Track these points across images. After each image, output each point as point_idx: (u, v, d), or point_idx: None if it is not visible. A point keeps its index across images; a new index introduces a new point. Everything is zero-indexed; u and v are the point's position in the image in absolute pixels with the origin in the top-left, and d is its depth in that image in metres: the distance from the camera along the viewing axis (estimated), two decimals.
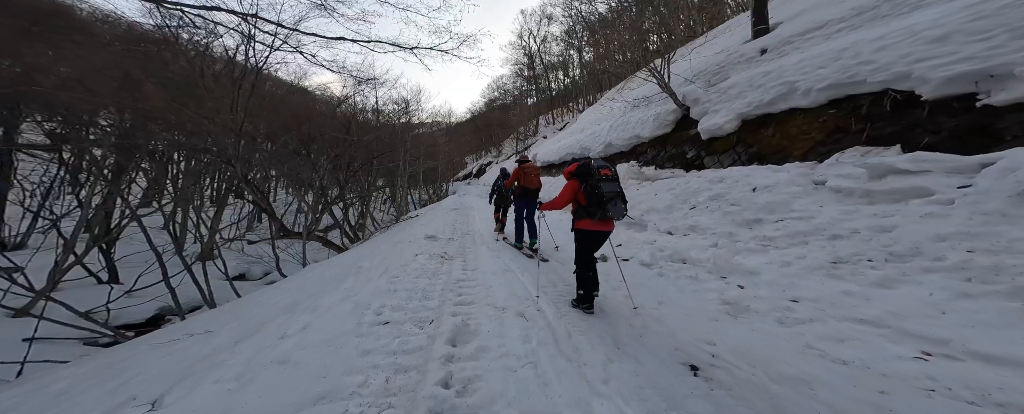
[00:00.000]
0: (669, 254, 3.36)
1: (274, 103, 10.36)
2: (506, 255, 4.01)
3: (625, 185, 6.61)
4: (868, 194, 2.49)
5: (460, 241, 4.89)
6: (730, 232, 3.20)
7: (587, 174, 2.13)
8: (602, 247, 2.30)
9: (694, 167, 5.25)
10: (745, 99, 4.47)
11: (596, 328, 2.07)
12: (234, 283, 6.88)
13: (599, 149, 9.12)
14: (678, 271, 3.03)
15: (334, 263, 4.87)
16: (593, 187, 2.08)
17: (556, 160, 12.60)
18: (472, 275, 3.17)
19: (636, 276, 3.08)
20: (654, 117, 6.90)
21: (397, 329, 2.07)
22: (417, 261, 3.67)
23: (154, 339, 3.00)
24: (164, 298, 5.72)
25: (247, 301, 3.89)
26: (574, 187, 2.18)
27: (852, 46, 3.31)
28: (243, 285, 7.80)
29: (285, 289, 3.75)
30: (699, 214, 3.79)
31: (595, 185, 2.07)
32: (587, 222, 2.15)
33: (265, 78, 10.19)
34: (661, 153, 6.45)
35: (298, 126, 10.09)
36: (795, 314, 2.03)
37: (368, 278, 3.16)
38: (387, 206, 18.76)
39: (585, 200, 2.14)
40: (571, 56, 28.11)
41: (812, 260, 2.32)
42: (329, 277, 3.81)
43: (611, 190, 2.06)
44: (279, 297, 3.38)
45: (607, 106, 12.91)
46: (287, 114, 10.32)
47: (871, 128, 2.90)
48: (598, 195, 2.04)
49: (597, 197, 2.05)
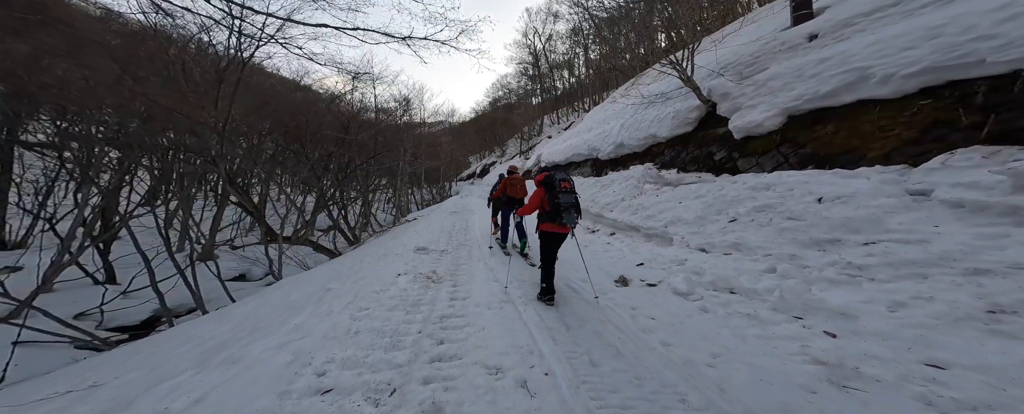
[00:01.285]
0: (710, 280, 2.63)
1: (264, 98, 9.77)
2: (504, 274, 3.32)
3: (641, 190, 5.88)
4: (1015, 211, 1.75)
5: (454, 254, 4.20)
6: (792, 254, 2.46)
7: (550, 185, 2.41)
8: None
9: (725, 170, 4.50)
10: (792, 91, 3.72)
11: None
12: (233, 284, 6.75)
13: (609, 150, 8.39)
14: (728, 305, 2.31)
15: (307, 279, 4.19)
16: (553, 197, 2.37)
17: (561, 161, 11.88)
18: (461, 308, 2.47)
19: (669, 311, 2.36)
20: (673, 115, 6.16)
21: (338, 406, 1.38)
22: (398, 284, 2.98)
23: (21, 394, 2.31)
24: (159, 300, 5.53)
25: (178, 333, 3.18)
26: (540, 194, 2.47)
27: (956, 19, 2.56)
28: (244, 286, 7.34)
29: (227, 318, 3.07)
30: (743, 229, 3.05)
31: (555, 195, 2.36)
32: (548, 225, 2.46)
33: (253, 72, 9.62)
34: (682, 154, 5.71)
35: (287, 122, 9.49)
36: (950, 391, 1.30)
37: (329, 309, 2.48)
38: (390, 205, 18.19)
39: (548, 207, 2.42)
40: (577, 54, 27.35)
41: (947, 305, 1.59)
42: (289, 302, 3.14)
43: (567, 201, 2.35)
44: (212, 331, 2.69)
45: (617, 104, 12.16)
46: (277, 110, 9.73)
47: (995, 122, 2.16)
48: (556, 204, 2.35)
49: (555, 206, 2.35)
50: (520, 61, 30.81)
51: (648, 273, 3.29)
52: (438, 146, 24.12)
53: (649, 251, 3.93)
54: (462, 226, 6.86)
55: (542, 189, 2.45)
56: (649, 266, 3.49)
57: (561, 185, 2.37)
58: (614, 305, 2.55)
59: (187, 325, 3.51)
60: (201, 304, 5.59)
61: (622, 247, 4.41)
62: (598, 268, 3.64)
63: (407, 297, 2.69)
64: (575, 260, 4.05)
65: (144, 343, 3.24)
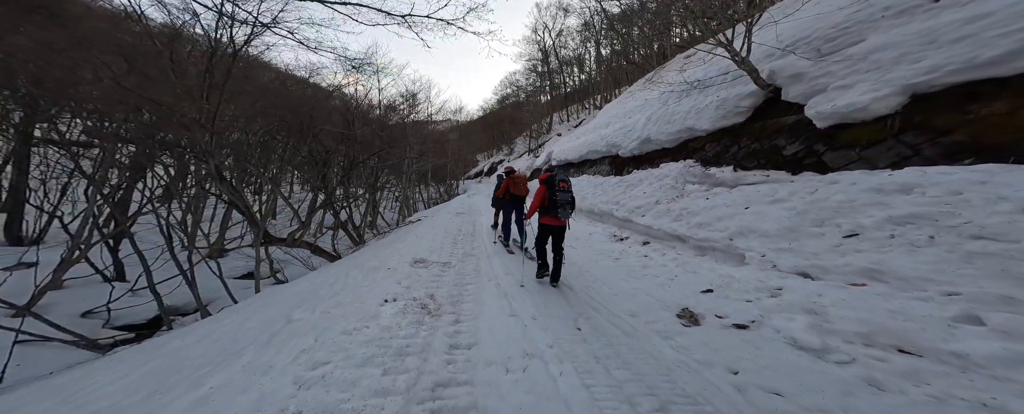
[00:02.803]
0: (855, 330, 1.68)
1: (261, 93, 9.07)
2: (528, 302, 2.44)
3: (681, 191, 4.90)
4: None
5: (458, 269, 3.32)
6: (1006, 296, 1.51)
7: (550, 185, 2.77)
8: None
9: (805, 167, 3.52)
10: (917, 64, 2.74)
11: None
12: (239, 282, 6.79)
13: (632, 146, 7.42)
14: (912, 377, 1.37)
15: (279, 296, 3.35)
16: (552, 195, 2.76)
17: (575, 159, 10.95)
18: (464, 367, 1.60)
19: (805, 383, 1.42)
20: (717, 104, 5.18)
21: None
22: (380, 318, 2.12)
23: None
24: (170, 298, 5.57)
25: (52, 389, 2.30)
26: (542, 191, 2.80)
27: None
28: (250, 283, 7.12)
29: (151, 356, 2.20)
30: (878, 248, 2.09)
31: (553, 194, 2.75)
32: (548, 218, 2.81)
33: (250, 66, 8.93)
34: (732, 148, 4.72)
35: (288, 117, 8.76)
36: None
37: (271, 362, 1.63)
38: (397, 203, 17.49)
39: (547, 203, 2.78)
40: (588, 49, 26.19)
41: None
42: (238, 334, 2.30)
43: (564, 199, 2.72)
44: (107, 386, 1.82)
45: (638, 96, 11.18)
46: (275, 104, 9.01)
47: None
48: (553, 201, 2.72)
49: (553, 202, 2.73)
50: (529, 57, 29.86)
51: (725, 306, 2.36)
52: (445, 144, 23.37)
53: (712, 272, 2.99)
54: (469, 230, 6.00)
55: (544, 187, 2.78)
56: (722, 294, 2.56)
57: (560, 185, 2.74)
58: (697, 364, 1.66)
59: (86, 369, 2.70)
60: (201, 305, 5.45)
61: (666, 263, 3.49)
62: (644, 293, 2.74)
63: (390, 342, 1.82)
64: (616, 281, 3.15)
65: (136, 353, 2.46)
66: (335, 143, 10.20)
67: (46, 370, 3.86)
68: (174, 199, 7.71)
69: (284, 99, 9.46)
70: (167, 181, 8.25)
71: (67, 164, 7.06)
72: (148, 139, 7.00)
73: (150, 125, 6.94)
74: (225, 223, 9.68)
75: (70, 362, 4.08)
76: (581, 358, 1.74)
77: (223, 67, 7.10)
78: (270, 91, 9.70)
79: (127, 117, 6.93)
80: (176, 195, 7.65)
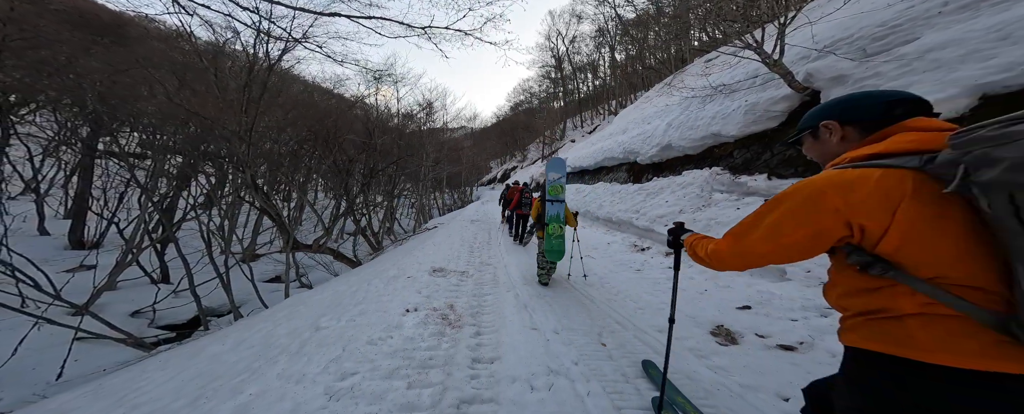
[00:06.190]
0: None
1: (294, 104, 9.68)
2: (549, 315, 2.37)
3: (709, 200, 4.66)
4: None
5: (476, 278, 3.29)
6: None
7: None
8: None
9: None
10: (988, 62, 2.48)
11: None
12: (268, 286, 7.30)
13: (652, 152, 7.20)
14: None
15: (307, 303, 3.47)
16: (521, 199, 4.72)
17: (590, 166, 10.78)
18: (488, 382, 1.54)
19: None
20: (746, 109, 4.93)
21: None
22: (404, 328, 2.11)
23: None
24: (206, 299, 5.80)
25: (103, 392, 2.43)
26: (535, 202, 3.59)
27: None
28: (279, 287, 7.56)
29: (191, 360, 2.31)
30: None
31: (523, 198, 4.77)
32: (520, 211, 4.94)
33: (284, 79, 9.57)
34: (765, 155, 4.46)
35: (315, 126, 9.28)
36: None
37: (303, 371, 1.64)
38: (413, 210, 17.93)
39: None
40: (602, 55, 26.05)
41: None
42: (270, 341, 2.38)
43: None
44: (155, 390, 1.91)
45: (656, 102, 10.92)
46: (305, 115, 9.57)
47: None
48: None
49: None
50: (543, 64, 30.10)
51: (766, 324, 2.17)
52: (460, 151, 23.83)
53: (749, 287, 2.79)
54: (484, 238, 5.99)
55: (537, 199, 3.55)
56: (761, 311, 2.36)
57: (526, 195, 4.66)
58: (740, 388, 1.52)
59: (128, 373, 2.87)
60: (234, 307, 5.72)
61: (695, 276, 3.29)
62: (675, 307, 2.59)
63: (413, 354, 1.80)
64: (639, 294, 3.02)
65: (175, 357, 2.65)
66: (357, 152, 10.64)
67: (99, 366, 4.08)
68: (214, 206, 8.25)
69: (312, 110, 10.01)
70: (208, 189, 8.94)
71: (124, 174, 7.72)
72: (194, 150, 7.65)
73: (195, 137, 7.59)
74: (256, 229, 10.30)
75: (119, 359, 4.30)
76: (609, 377, 1.64)
77: (260, 81, 7.65)
78: (300, 102, 10.30)
79: (176, 129, 7.61)
80: (216, 202, 8.21)
